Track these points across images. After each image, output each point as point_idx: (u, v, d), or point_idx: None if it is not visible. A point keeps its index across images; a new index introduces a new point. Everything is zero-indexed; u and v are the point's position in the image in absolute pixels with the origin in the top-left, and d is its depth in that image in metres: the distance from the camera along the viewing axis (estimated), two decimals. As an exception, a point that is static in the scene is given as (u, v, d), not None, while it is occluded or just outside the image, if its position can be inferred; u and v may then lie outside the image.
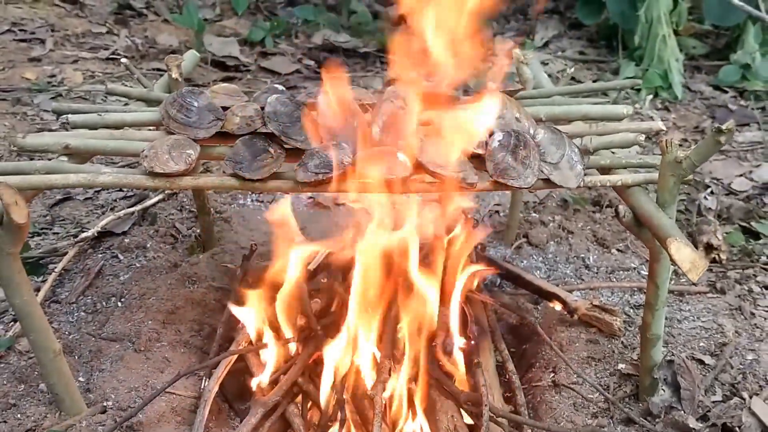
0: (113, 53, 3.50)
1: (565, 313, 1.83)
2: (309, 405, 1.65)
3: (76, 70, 3.24)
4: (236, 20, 4.17)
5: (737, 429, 1.45)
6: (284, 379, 1.60)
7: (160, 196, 2.30)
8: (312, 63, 3.76)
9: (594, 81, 3.44)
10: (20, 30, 3.53)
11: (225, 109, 1.44)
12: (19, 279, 1.32)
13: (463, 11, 1.45)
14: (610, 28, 3.76)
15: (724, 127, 1.19)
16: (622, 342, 1.75)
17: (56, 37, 3.54)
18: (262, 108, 1.41)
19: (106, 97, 2.92)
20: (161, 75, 1.83)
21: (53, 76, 3.15)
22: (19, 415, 1.49)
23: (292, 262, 1.67)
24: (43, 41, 3.48)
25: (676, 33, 3.44)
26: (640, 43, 3.44)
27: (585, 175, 1.36)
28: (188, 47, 3.62)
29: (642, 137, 1.46)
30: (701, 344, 1.73)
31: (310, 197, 2.45)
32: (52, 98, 2.93)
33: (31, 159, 1.40)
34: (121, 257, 2.02)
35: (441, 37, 1.50)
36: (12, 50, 3.34)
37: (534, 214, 2.35)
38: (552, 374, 1.69)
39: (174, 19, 3.82)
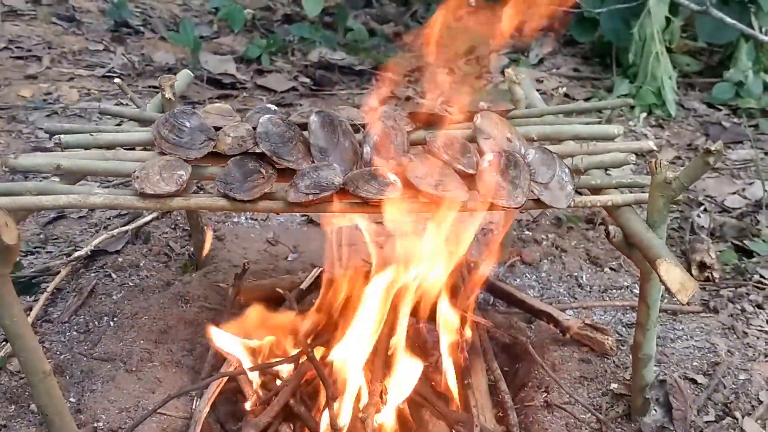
0: (110, 71, 3.51)
1: (558, 332, 1.83)
2: (301, 426, 1.64)
3: (72, 87, 3.25)
4: (233, 38, 4.19)
5: (730, 450, 1.45)
6: (275, 400, 1.59)
7: (154, 215, 2.30)
8: (308, 80, 3.78)
9: (588, 98, 3.46)
10: (17, 47, 3.55)
11: (217, 129, 1.45)
12: (9, 300, 1.31)
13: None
14: (604, 45, 3.78)
15: (712, 148, 1.20)
16: (614, 361, 1.75)
17: (53, 55, 3.56)
18: (254, 128, 1.42)
19: (100, 116, 2.93)
20: (158, 93, 1.84)
21: (49, 93, 3.16)
22: (9, 437, 1.49)
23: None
24: (39, 58, 3.50)
25: (669, 50, 3.47)
26: (634, 60, 3.47)
27: (575, 195, 1.37)
28: (185, 65, 3.64)
29: (633, 157, 1.46)
30: (694, 364, 1.72)
31: (304, 215, 2.45)
32: (48, 116, 2.94)
33: (26, 178, 1.41)
34: (114, 276, 2.02)
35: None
36: (8, 67, 3.35)
37: (527, 233, 2.36)
38: (544, 394, 1.68)
39: (170, 37, 3.84)
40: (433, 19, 1.65)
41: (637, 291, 2.02)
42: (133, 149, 1.51)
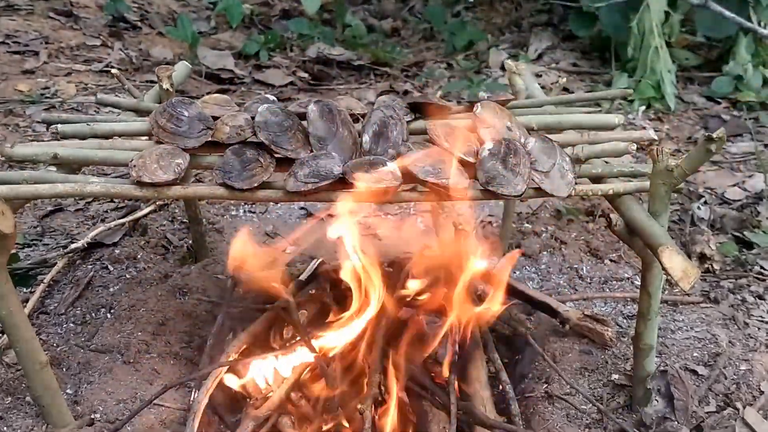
0: (107, 66, 3.50)
1: (558, 323, 1.82)
2: (302, 417, 1.64)
3: (69, 82, 3.23)
4: (231, 33, 4.17)
5: (731, 439, 1.45)
6: (276, 392, 1.59)
7: (152, 207, 2.29)
8: (306, 76, 3.77)
9: (587, 92, 3.45)
10: (14, 42, 3.52)
11: (215, 118, 1.44)
12: (5, 290, 1.30)
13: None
14: (603, 40, 3.77)
15: (714, 135, 1.19)
16: (615, 352, 1.74)
17: (50, 50, 3.53)
18: (253, 118, 1.41)
19: (98, 109, 2.92)
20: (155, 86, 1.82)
21: (46, 88, 3.14)
22: (5, 428, 1.47)
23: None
24: (36, 53, 3.48)
25: (668, 44, 3.45)
26: (633, 54, 3.45)
27: (576, 184, 1.36)
28: (182, 60, 3.62)
29: (633, 146, 1.45)
30: (695, 354, 1.72)
31: (303, 208, 2.44)
32: (45, 110, 2.92)
33: (22, 169, 1.40)
34: (112, 268, 2.01)
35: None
36: (5, 62, 3.33)
37: (527, 225, 2.35)
38: (545, 385, 1.68)
39: (168, 32, 3.83)
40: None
41: (637, 282, 2.02)
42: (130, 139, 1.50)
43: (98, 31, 3.87)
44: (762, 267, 2.08)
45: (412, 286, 1.73)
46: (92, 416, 1.51)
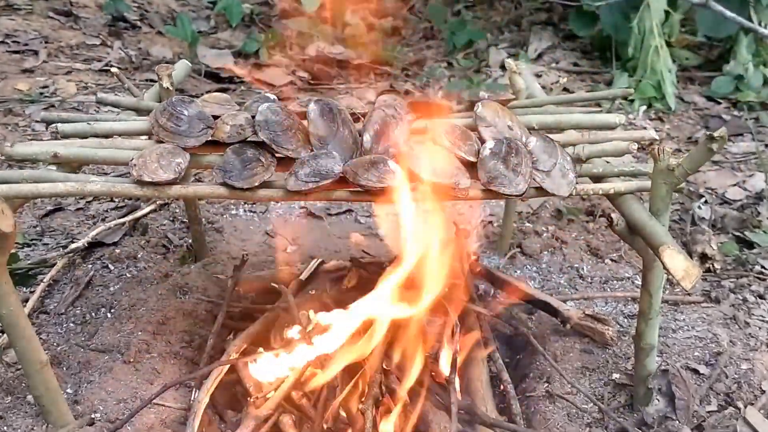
0: (107, 65, 3.49)
1: (559, 322, 1.82)
2: (303, 417, 1.63)
3: (69, 81, 3.23)
4: (231, 32, 4.17)
5: (732, 439, 1.45)
6: (277, 391, 1.58)
7: (152, 207, 2.29)
8: (306, 75, 3.76)
9: (587, 92, 3.44)
10: (13, 41, 3.52)
11: (216, 117, 1.43)
12: (5, 289, 1.30)
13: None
14: (604, 39, 3.77)
15: (716, 134, 1.19)
16: (616, 352, 1.74)
17: (50, 49, 3.53)
18: (253, 117, 1.40)
19: (98, 108, 2.91)
20: (155, 85, 1.82)
21: (46, 87, 3.14)
22: (5, 428, 1.47)
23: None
24: (36, 53, 3.47)
25: (668, 44, 3.45)
26: (634, 54, 3.45)
27: (577, 183, 1.35)
28: (182, 59, 3.61)
29: (634, 146, 1.45)
30: (696, 354, 1.72)
31: (303, 207, 2.44)
32: (45, 109, 2.91)
33: (22, 168, 1.39)
34: (112, 268, 2.01)
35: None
36: (5, 61, 3.32)
37: (528, 224, 2.35)
38: (546, 384, 1.68)
39: (167, 31, 3.82)
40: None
41: (638, 282, 2.02)
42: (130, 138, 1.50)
43: (98, 31, 3.87)
44: (763, 266, 2.08)
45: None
46: (92, 416, 1.50)
